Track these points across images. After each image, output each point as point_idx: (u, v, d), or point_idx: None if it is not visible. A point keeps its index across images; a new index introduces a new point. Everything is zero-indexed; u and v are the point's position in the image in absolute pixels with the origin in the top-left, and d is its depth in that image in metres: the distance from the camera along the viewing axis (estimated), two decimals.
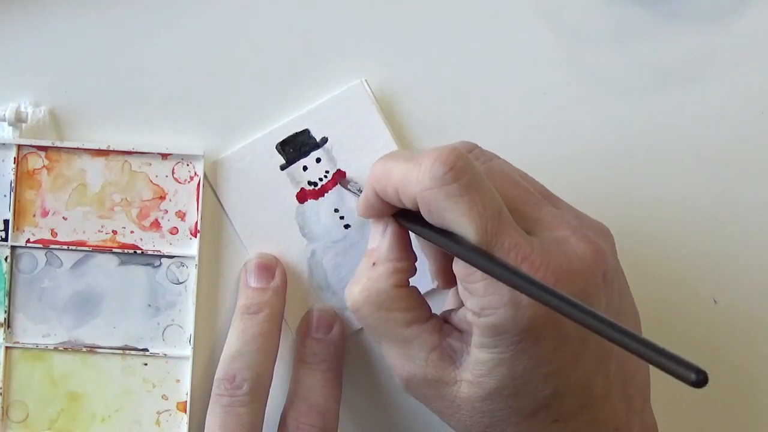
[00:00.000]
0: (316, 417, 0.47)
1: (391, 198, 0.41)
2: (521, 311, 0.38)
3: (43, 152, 0.48)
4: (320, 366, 0.48)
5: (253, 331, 0.47)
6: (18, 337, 0.49)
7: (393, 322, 0.42)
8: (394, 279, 0.42)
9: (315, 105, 0.49)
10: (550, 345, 0.39)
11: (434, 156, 0.39)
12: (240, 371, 0.46)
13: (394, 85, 0.49)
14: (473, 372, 0.40)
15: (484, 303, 0.39)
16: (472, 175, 0.39)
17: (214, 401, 0.46)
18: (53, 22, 0.49)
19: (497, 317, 0.39)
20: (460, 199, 0.38)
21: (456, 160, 0.39)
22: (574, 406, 0.41)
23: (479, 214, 0.38)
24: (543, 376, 0.40)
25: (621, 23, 0.50)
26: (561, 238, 0.40)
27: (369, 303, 0.42)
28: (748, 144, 0.50)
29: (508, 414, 0.41)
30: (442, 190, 0.38)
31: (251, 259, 0.49)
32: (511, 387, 0.40)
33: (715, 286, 0.50)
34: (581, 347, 0.40)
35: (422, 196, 0.39)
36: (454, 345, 0.42)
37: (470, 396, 0.41)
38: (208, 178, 0.49)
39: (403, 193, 0.40)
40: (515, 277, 0.37)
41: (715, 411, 0.50)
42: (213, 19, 0.49)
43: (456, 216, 0.39)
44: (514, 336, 0.39)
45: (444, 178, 0.38)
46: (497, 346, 0.39)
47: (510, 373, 0.40)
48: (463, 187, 0.38)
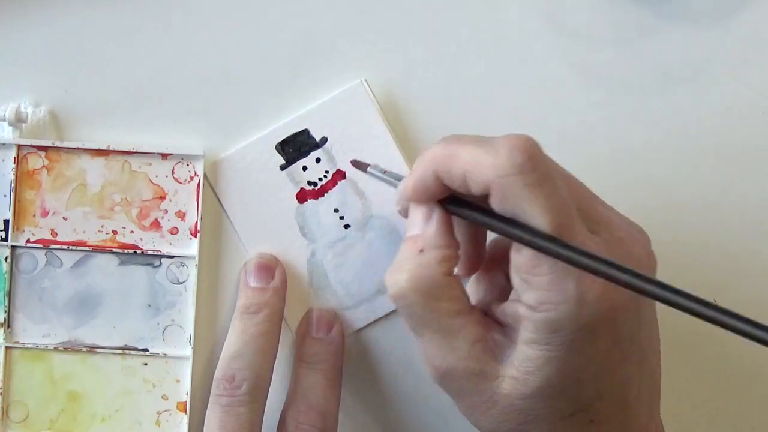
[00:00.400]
0: (316, 417, 0.46)
1: (456, 181, 0.40)
2: (584, 308, 0.38)
3: (43, 152, 0.48)
4: (320, 366, 0.48)
5: (252, 331, 0.47)
6: (18, 337, 0.49)
7: (440, 311, 0.41)
8: (444, 266, 0.41)
9: (315, 105, 0.49)
10: (604, 345, 0.39)
11: (512, 143, 0.38)
12: (239, 371, 0.46)
13: (394, 85, 0.49)
14: (519, 368, 0.39)
15: (545, 297, 0.38)
16: (549, 167, 0.38)
17: (213, 401, 0.46)
18: (53, 22, 0.49)
19: (557, 313, 0.38)
20: (538, 189, 0.37)
21: (534, 149, 0.38)
22: (611, 408, 0.40)
23: (554, 207, 0.38)
24: (591, 376, 0.39)
25: (622, 23, 0.50)
26: (618, 238, 0.40)
27: (417, 291, 0.40)
28: (749, 144, 0.50)
29: (547, 413, 0.40)
30: (521, 177, 0.37)
31: (251, 259, 0.49)
32: (557, 386, 0.39)
33: (715, 286, 0.50)
34: (628, 349, 0.40)
35: (499, 183, 0.38)
36: (498, 339, 0.41)
37: (511, 392, 0.40)
38: (208, 178, 0.49)
39: (474, 177, 0.39)
40: (599, 263, 0.36)
41: (716, 411, 0.50)
42: (214, 19, 0.49)
43: (532, 206, 0.38)
44: (571, 334, 0.38)
45: (524, 166, 0.37)
46: (549, 343, 0.38)
47: (558, 371, 0.39)
48: (542, 177, 0.38)
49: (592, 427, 0.40)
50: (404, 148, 0.49)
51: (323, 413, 0.47)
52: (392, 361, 0.50)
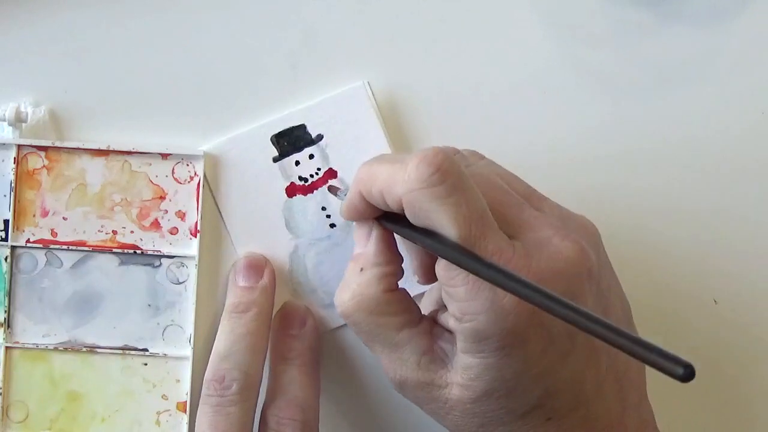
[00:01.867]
0: (296, 411, 0.46)
1: (377, 200, 0.41)
2: (503, 315, 0.38)
3: (43, 152, 0.48)
4: (297, 361, 0.48)
5: (240, 331, 0.47)
6: (18, 337, 0.49)
7: (384, 326, 0.42)
8: (384, 283, 0.42)
9: (315, 101, 0.49)
10: (537, 346, 0.39)
11: (420, 157, 0.38)
12: (229, 371, 0.46)
13: (395, 89, 0.49)
14: (462, 376, 0.40)
15: (465, 308, 0.39)
16: (457, 177, 0.38)
17: (204, 401, 0.46)
18: (53, 22, 0.49)
19: (479, 323, 0.38)
20: (445, 201, 0.38)
21: (442, 161, 0.38)
22: (566, 404, 0.41)
23: (464, 216, 0.38)
24: (533, 377, 0.40)
25: (621, 23, 0.50)
26: (543, 239, 0.40)
27: (360, 309, 0.42)
28: (748, 144, 0.50)
29: (501, 414, 0.41)
30: (427, 191, 0.38)
31: (240, 258, 0.49)
32: (502, 389, 0.40)
33: (715, 286, 0.50)
34: (570, 345, 0.40)
35: (408, 198, 0.39)
36: (445, 347, 0.42)
37: (461, 398, 0.41)
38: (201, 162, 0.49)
39: (388, 195, 0.40)
40: (499, 275, 0.36)
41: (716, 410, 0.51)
42: (215, 19, 0.49)
43: (441, 218, 0.38)
44: (499, 341, 0.39)
45: (430, 179, 0.38)
46: (482, 351, 0.39)
47: (499, 376, 0.39)
48: (449, 188, 0.38)
49: (551, 423, 0.41)
50: (399, 152, 0.49)
51: (303, 407, 0.47)
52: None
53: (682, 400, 0.50)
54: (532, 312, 0.38)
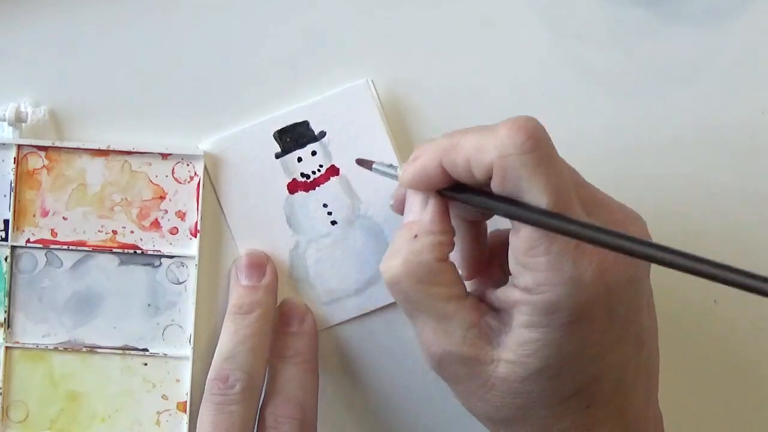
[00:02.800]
0: (294, 409, 0.46)
1: (460, 169, 0.40)
2: (581, 288, 0.38)
3: (43, 152, 0.48)
4: (295, 359, 0.48)
5: (245, 332, 0.47)
6: (18, 337, 0.49)
7: (434, 296, 0.41)
8: (437, 252, 0.41)
9: (318, 98, 0.49)
10: (600, 325, 0.39)
11: (513, 124, 0.38)
12: (233, 372, 0.46)
13: (399, 88, 0.49)
14: (516, 352, 0.40)
15: (543, 278, 0.38)
16: (549, 147, 0.38)
17: (207, 400, 0.46)
18: (53, 22, 0.49)
19: (554, 294, 0.38)
20: (539, 169, 0.38)
21: (535, 129, 0.38)
22: (607, 392, 0.40)
23: (555, 186, 0.38)
24: (587, 358, 0.39)
25: (621, 23, 0.50)
26: (615, 220, 0.40)
27: (410, 276, 0.41)
28: (748, 144, 0.50)
29: (545, 396, 0.40)
30: (521, 157, 0.38)
31: (241, 255, 0.49)
32: (555, 368, 0.39)
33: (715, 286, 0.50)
34: (624, 332, 0.40)
35: (500, 163, 0.38)
36: (492, 324, 0.41)
37: (508, 376, 0.40)
38: (202, 156, 0.49)
39: (477, 161, 0.39)
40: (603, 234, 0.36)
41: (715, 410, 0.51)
42: (216, 17, 0.49)
43: (532, 185, 0.38)
44: (567, 315, 0.38)
45: (524, 145, 0.38)
46: (548, 326, 0.39)
47: (555, 353, 0.39)
48: (543, 157, 0.38)
49: (589, 411, 0.41)
50: (402, 152, 0.49)
51: (301, 405, 0.47)
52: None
53: (682, 400, 0.50)
54: (607, 291, 0.38)
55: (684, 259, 0.35)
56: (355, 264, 0.49)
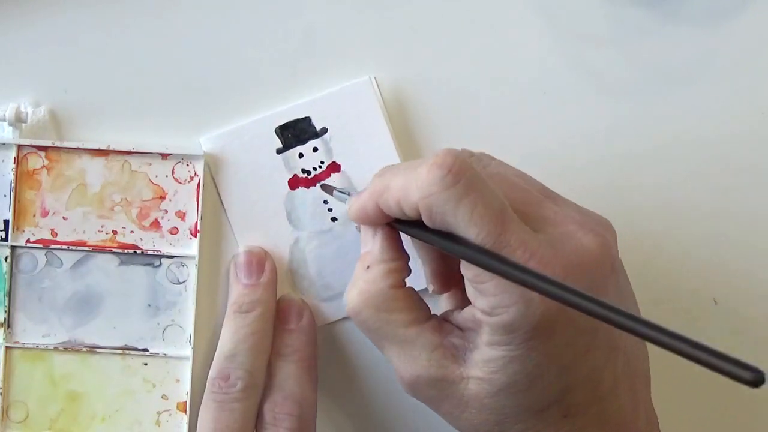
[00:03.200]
0: (293, 406, 0.47)
1: (394, 210, 0.41)
2: (533, 308, 0.38)
3: (43, 152, 0.48)
4: (294, 356, 0.48)
5: (245, 331, 0.47)
6: (18, 337, 0.49)
7: (393, 323, 0.42)
8: (390, 280, 0.42)
9: (320, 94, 0.49)
10: (562, 339, 0.39)
11: (431, 161, 0.39)
12: (234, 371, 0.46)
13: (402, 86, 0.49)
14: (483, 369, 0.40)
15: (494, 302, 0.39)
16: (470, 176, 0.39)
17: (208, 397, 0.46)
18: (53, 22, 0.49)
19: (509, 315, 0.39)
20: (460, 202, 0.38)
21: (453, 162, 0.38)
22: (583, 401, 0.41)
23: (480, 215, 0.38)
24: (555, 371, 0.40)
25: (621, 24, 0.50)
26: (567, 233, 0.40)
27: (368, 306, 0.42)
28: (748, 144, 0.50)
29: (518, 410, 0.40)
30: (442, 194, 0.38)
31: (239, 252, 0.49)
32: (523, 383, 0.40)
33: (715, 286, 0.50)
34: (591, 340, 0.40)
35: (423, 203, 0.39)
36: (457, 343, 0.41)
37: (479, 393, 0.40)
38: (203, 150, 0.49)
39: (405, 203, 0.40)
40: (524, 275, 0.37)
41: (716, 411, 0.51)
42: (216, 16, 0.49)
43: (458, 219, 0.38)
44: (526, 333, 0.39)
45: (443, 182, 0.38)
46: (509, 344, 0.39)
47: (522, 369, 0.39)
48: (463, 189, 0.38)
49: (567, 421, 0.41)
50: (403, 149, 0.49)
51: (300, 401, 0.47)
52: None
53: (682, 401, 0.50)
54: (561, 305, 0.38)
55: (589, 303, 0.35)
56: (355, 260, 0.49)
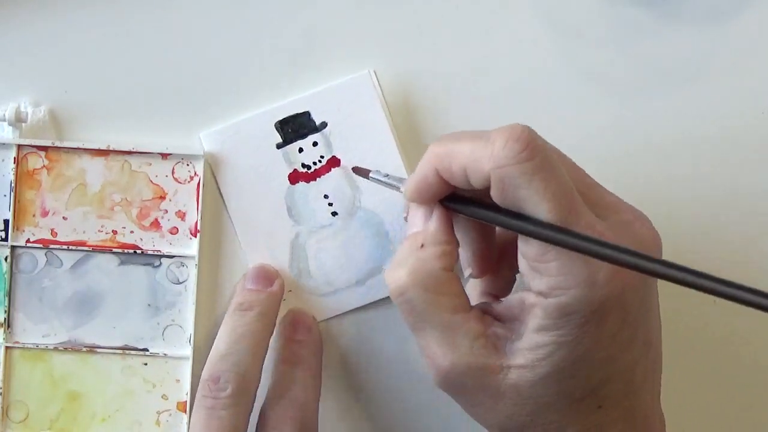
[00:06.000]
0: (296, 412, 0.46)
1: (456, 177, 0.40)
2: (595, 290, 0.38)
3: (43, 152, 0.48)
4: (300, 366, 0.48)
5: (242, 330, 0.47)
6: (18, 337, 0.49)
7: (440, 306, 0.41)
8: (443, 262, 0.41)
9: (320, 89, 0.49)
10: (613, 326, 0.39)
11: (508, 134, 0.38)
12: (225, 373, 0.46)
13: (401, 80, 0.49)
14: (527, 357, 0.40)
15: (555, 282, 0.38)
16: (546, 154, 0.38)
17: (198, 402, 0.46)
18: (53, 22, 0.49)
19: (568, 297, 0.38)
20: (535, 177, 0.38)
21: (530, 138, 0.38)
22: (617, 393, 0.41)
23: (554, 193, 0.38)
24: (599, 360, 0.40)
25: (620, 23, 0.50)
26: (626, 221, 0.40)
27: (417, 285, 0.41)
28: (748, 144, 0.50)
29: (557, 399, 0.40)
30: (518, 167, 0.38)
31: (253, 266, 0.49)
32: (568, 371, 0.39)
33: None
34: (634, 332, 0.40)
35: (497, 174, 0.38)
36: (499, 333, 0.41)
37: (519, 382, 0.40)
38: (203, 145, 0.49)
39: (473, 171, 0.39)
40: (603, 248, 0.37)
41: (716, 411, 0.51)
42: (216, 10, 0.49)
43: (532, 194, 0.38)
44: (582, 317, 0.38)
45: (520, 155, 0.38)
46: (561, 328, 0.39)
47: (569, 355, 0.39)
48: (539, 165, 0.38)
49: (600, 412, 0.41)
50: (403, 143, 0.49)
51: (302, 408, 0.47)
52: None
53: (683, 400, 0.50)
54: (621, 291, 0.38)
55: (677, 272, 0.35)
56: (355, 255, 0.49)
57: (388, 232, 0.49)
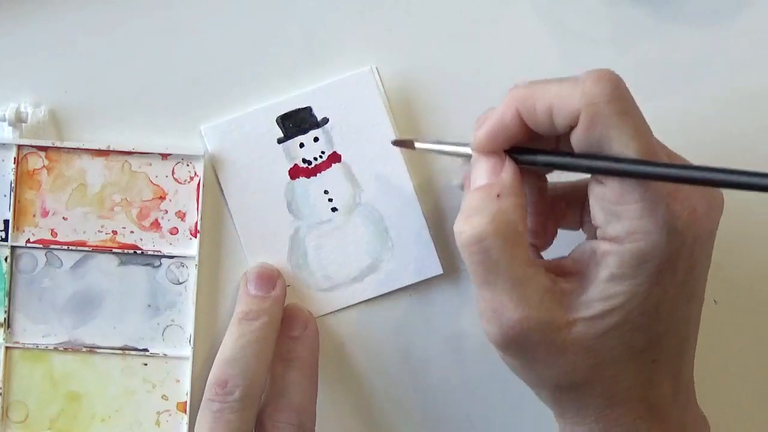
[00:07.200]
0: (293, 414, 0.47)
1: (540, 117, 0.40)
2: (673, 237, 0.38)
3: (43, 152, 0.48)
4: (296, 363, 0.48)
5: (249, 338, 0.47)
6: (18, 337, 0.49)
7: (516, 258, 0.40)
8: (520, 213, 0.41)
9: (321, 84, 0.49)
10: (681, 276, 0.39)
11: (598, 74, 0.39)
12: (233, 377, 0.46)
13: (404, 77, 0.49)
14: (597, 308, 0.40)
15: (636, 226, 0.38)
16: (631, 98, 0.39)
17: (205, 406, 0.46)
18: (53, 22, 0.49)
19: (647, 242, 0.38)
20: (627, 116, 0.38)
21: (619, 80, 0.39)
22: (672, 348, 0.41)
23: (642, 132, 0.39)
24: (666, 311, 0.40)
25: (621, 24, 0.50)
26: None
27: (497, 234, 0.40)
28: (748, 144, 0.50)
29: (620, 351, 0.40)
30: (610, 105, 0.38)
31: (252, 268, 0.49)
32: (636, 321, 0.39)
33: (715, 286, 0.50)
34: (694, 288, 0.41)
35: (589, 110, 0.38)
36: (566, 288, 0.41)
37: (585, 335, 0.40)
38: (204, 139, 0.49)
39: (561, 108, 0.39)
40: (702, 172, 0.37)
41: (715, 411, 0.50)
42: (215, 12, 0.49)
43: (622, 132, 0.38)
44: (656, 265, 0.39)
45: (612, 94, 0.38)
46: (636, 276, 0.39)
47: (640, 305, 0.39)
48: (629, 106, 0.39)
49: (654, 366, 0.41)
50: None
51: (300, 410, 0.47)
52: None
53: None
54: (694, 241, 0.38)
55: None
56: (354, 251, 0.49)
57: (387, 229, 0.49)
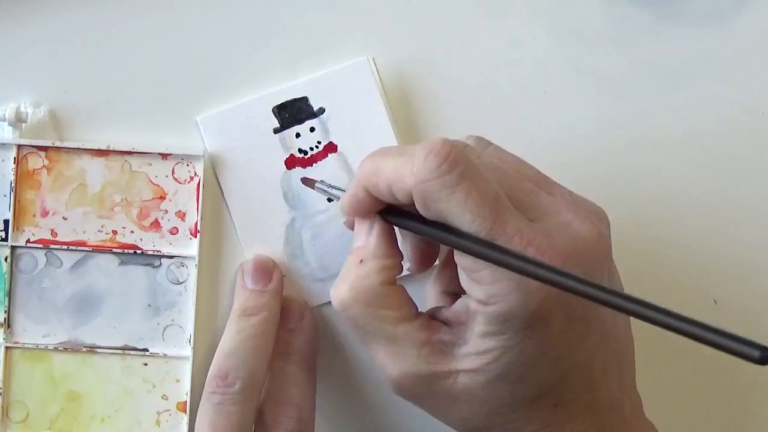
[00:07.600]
0: (292, 408, 0.47)
1: (383, 194, 0.41)
2: (531, 296, 0.38)
3: (43, 152, 0.48)
4: (294, 357, 0.48)
5: (248, 333, 0.47)
6: (18, 337, 0.49)
7: (383, 320, 0.42)
8: (383, 276, 0.42)
9: (318, 75, 0.49)
10: (558, 328, 0.39)
11: (428, 148, 0.39)
12: (233, 369, 0.46)
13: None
14: (476, 361, 0.40)
15: (491, 291, 0.39)
16: (466, 165, 0.39)
17: (206, 398, 0.46)
18: (53, 22, 0.49)
19: (506, 304, 0.39)
20: (455, 189, 0.38)
21: (449, 151, 0.39)
22: (575, 389, 0.41)
23: (475, 201, 0.38)
24: (550, 360, 0.40)
25: (621, 24, 0.50)
26: (563, 222, 0.40)
27: (358, 301, 0.42)
28: (748, 144, 0.50)
29: (511, 400, 0.41)
30: (437, 181, 0.38)
31: (248, 260, 0.49)
32: (518, 372, 0.40)
33: (715, 286, 0.50)
34: (586, 328, 0.40)
35: (418, 189, 0.39)
36: (445, 339, 0.41)
37: (470, 385, 0.41)
38: (200, 129, 0.49)
39: (397, 187, 0.40)
40: (521, 262, 0.37)
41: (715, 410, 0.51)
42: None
43: (452, 206, 0.39)
44: (523, 322, 0.39)
45: (439, 169, 0.38)
46: (505, 333, 0.39)
47: (517, 358, 0.39)
48: (458, 177, 0.38)
49: (557, 409, 0.41)
50: (401, 130, 0.49)
51: (299, 404, 0.47)
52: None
53: (682, 400, 0.50)
54: (558, 293, 0.38)
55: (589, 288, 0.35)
56: (350, 241, 0.49)
57: None
